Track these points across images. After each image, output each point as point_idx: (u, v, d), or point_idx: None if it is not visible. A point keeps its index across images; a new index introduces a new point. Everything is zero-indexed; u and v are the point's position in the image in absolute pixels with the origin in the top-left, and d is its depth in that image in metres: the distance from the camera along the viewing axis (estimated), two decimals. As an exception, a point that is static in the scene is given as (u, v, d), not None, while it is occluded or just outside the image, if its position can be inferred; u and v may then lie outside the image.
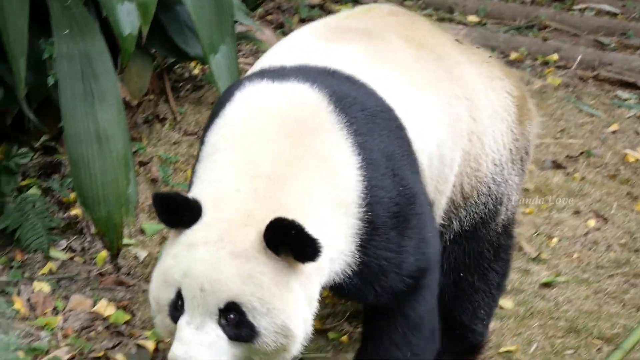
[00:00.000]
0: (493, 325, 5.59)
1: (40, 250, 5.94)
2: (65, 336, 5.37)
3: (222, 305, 3.81)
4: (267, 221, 3.79)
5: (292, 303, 3.85)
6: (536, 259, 6.52)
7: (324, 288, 4.11)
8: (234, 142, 4.13)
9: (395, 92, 4.48)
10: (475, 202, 4.93)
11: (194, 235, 3.89)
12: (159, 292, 3.98)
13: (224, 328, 3.83)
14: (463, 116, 4.82)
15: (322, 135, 4.12)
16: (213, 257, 3.81)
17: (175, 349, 3.81)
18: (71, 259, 6.01)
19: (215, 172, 4.08)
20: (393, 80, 4.55)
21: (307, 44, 4.65)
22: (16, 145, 6.21)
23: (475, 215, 4.96)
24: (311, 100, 4.19)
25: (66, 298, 5.65)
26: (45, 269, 5.85)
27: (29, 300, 5.65)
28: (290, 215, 3.81)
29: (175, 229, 4.00)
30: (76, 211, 6.19)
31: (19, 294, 5.67)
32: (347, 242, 4.10)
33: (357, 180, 4.10)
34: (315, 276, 3.98)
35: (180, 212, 3.92)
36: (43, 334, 5.41)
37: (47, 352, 5.23)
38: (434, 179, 4.65)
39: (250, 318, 3.81)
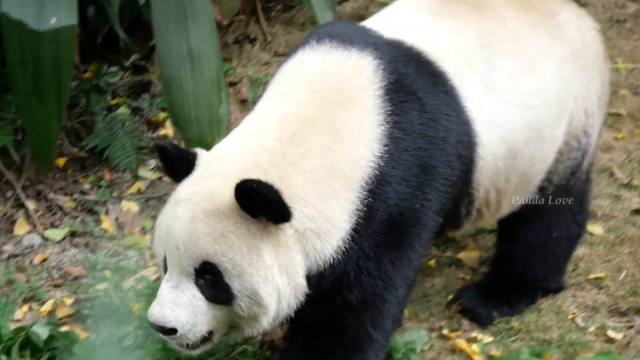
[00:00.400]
0: (582, 251, 5.56)
1: (129, 169, 5.96)
2: (153, 256, 5.37)
3: (197, 265, 3.70)
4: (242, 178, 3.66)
5: (261, 268, 3.68)
6: (627, 185, 6.34)
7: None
8: (267, 100, 4.06)
9: (492, 83, 4.29)
10: (568, 157, 4.78)
11: (180, 190, 3.83)
12: (155, 247, 3.93)
13: (201, 288, 3.72)
14: (570, 80, 4.65)
15: (354, 110, 3.92)
16: (188, 214, 3.70)
17: (152, 308, 3.73)
18: (159, 178, 6.04)
19: (237, 129, 4.01)
20: (496, 67, 4.33)
21: (411, 15, 4.40)
22: (106, 64, 6.21)
23: (567, 170, 4.82)
24: (360, 75, 3.99)
25: (154, 218, 5.66)
26: (134, 189, 5.87)
27: (117, 219, 5.68)
28: (270, 173, 3.72)
29: (175, 181, 3.93)
30: (165, 131, 6.19)
31: (107, 213, 5.70)
32: (345, 222, 3.85)
33: (369, 165, 3.86)
34: (295, 246, 3.76)
35: (174, 164, 3.87)
36: (131, 253, 5.45)
37: (134, 272, 5.26)
38: (520, 165, 4.45)
39: (226, 279, 3.68)
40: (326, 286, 3.92)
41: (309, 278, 3.84)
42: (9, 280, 5.30)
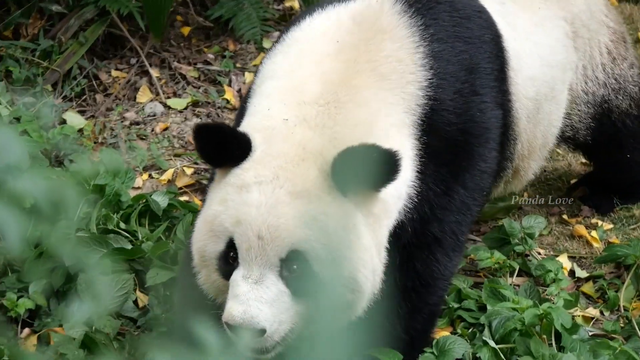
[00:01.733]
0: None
1: (253, 40, 5.93)
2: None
3: (283, 254, 3.27)
4: (326, 154, 3.28)
5: (361, 251, 3.30)
6: None
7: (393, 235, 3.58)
8: (284, 67, 3.59)
9: (511, 23, 4.06)
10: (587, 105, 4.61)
11: (244, 174, 3.34)
12: (204, 243, 3.43)
13: (286, 281, 3.30)
14: (571, 54, 4.42)
15: (384, 44, 3.56)
16: (270, 198, 3.27)
17: (232, 309, 3.27)
18: (284, 51, 5.97)
19: (262, 102, 3.52)
20: (512, 14, 4.11)
21: None
22: None
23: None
24: (377, 8, 3.64)
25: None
26: (257, 60, 5.85)
27: (239, 90, 5.68)
28: (349, 144, 3.27)
29: (221, 168, 3.44)
30: (291, 3, 6.10)
31: (229, 84, 5.71)
32: (409, 169, 3.53)
33: (419, 102, 3.54)
34: (384, 219, 3.43)
35: (227, 147, 3.35)
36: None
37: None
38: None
39: (315, 268, 3.27)
40: (407, 232, 3.62)
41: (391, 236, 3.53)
42: (131, 148, 5.39)
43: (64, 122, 5.45)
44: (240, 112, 3.75)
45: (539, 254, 4.78)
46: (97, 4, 5.88)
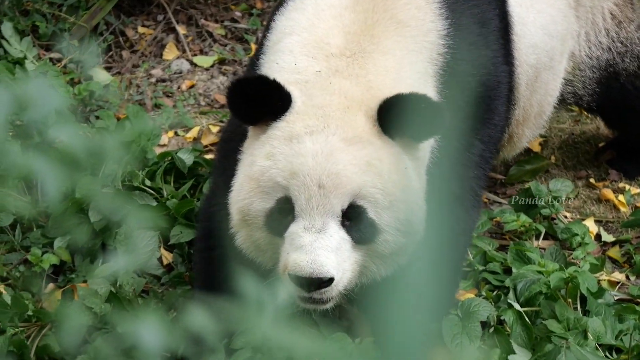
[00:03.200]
0: None
1: (280, -2, 5.89)
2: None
3: (345, 203, 3.26)
4: (367, 101, 3.29)
5: (413, 194, 3.33)
6: None
7: None
8: (302, 23, 3.53)
9: None
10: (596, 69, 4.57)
11: (291, 126, 3.30)
12: (249, 201, 3.37)
13: (347, 229, 3.29)
14: (573, 24, 4.38)
15: None
16: (325, 147, 3.24)
17: (299, 259, 3.23)
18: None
19: (286, 58, 3.47)
20: None
21: None
22: None
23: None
24: None
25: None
26: (285, 18, 5.80)
27: (266, 48, 5.65)
28: (385, 92, 3.30)
29: (257, 124, 3.39)
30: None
31: (256, 42, 5.68)
32: None
33: (440, 51, 3.51)
34: (425, 162, 3.46)
35: (270, 99, 3.31)
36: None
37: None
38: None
39: (372, 214, 3.28)
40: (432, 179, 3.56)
41: None
42: (156, 105, 5.39)
43: (90, 78, 5.45)
44: (251, 69, 3.72)
45: (566, 217, 4.76)
46: (125, -40, 5.86)
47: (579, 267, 4.22)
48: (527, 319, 3.90)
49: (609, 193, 4.90)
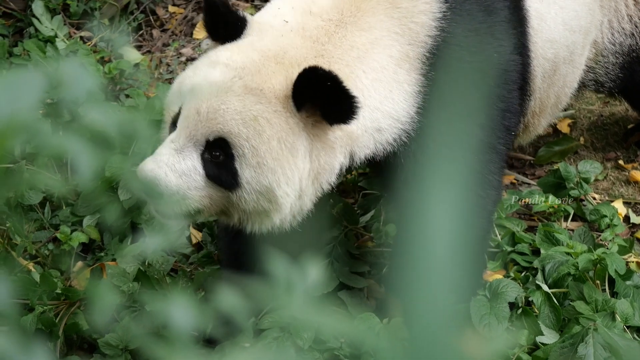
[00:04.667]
0: None
1: (310, -23, 5.87)
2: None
3: (211, 138, 3.31)
4: (303, 66, 3.24)
5: (289, 169, 3.30)
6: None
7: (369, 162, 3.55)
8: None
9: None
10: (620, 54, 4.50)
11: (221, 52, 3.39)
12: (170, 100, 3.51)
13: (205, 162, 3.33)
14: (596, 14, 4.31)
15: None
16: (225, 84, 3.28)
17: (145, 163, 3.32)
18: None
19: (276, 1, 3.57)
20: None
21: None
22: None
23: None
24: None
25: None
26: None
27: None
28: (335, 66, 3.30)
29: (215, 41, 3.53)
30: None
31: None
32: (406, 105, 3.47)
33: (430, 34, 3.46)
34: (342, 147, 3.40)
35: (220, 22, 3.45)
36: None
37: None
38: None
39: (237, 164, 3.30)
40: (412, 164, 3.57)
41: (378, 161, 3.55)
42: (187, 84, 5.40)
43: (120, 56, 5.46)
44: None
45: (594, 199, 4.75)
46: (155, -61, 5.87)
47: (607, 248, 4.21)
48: (555, 301, 3.90)
49: (637, 175, 4.87)
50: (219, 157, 3.33)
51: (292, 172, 3.32)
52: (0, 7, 5.65)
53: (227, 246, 3.97)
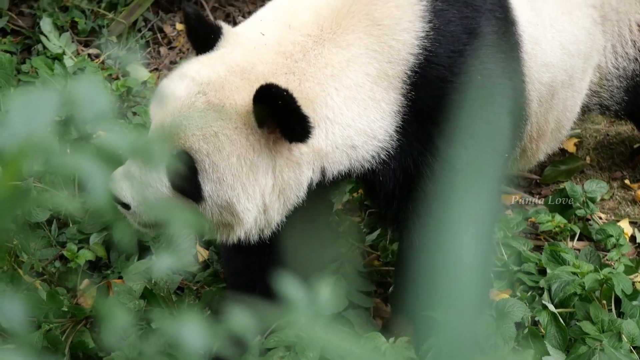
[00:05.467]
0: None
1: (317, -4, 5.90)
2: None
3: (174, 152, 3.30)
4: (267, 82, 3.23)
5: (249, 185, 3.32)
6: None
7: (346, 177, 3.55)
8: None
9: (537, 9, 3.94)
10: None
11: (192, 65, 3.40)
12: (151, 107, 3.54)
13: (169, 174, 3.36)
14: (598, 40, 4.31)
15: None
16: (189, 100, 3.29)
17: (113, 174, 3.38)
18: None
19: (260, 13, 3.57)
20: None
21: None
22: None
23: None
24: None
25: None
26: (321, 16, 5.81)
27: (303, 46, 5.67)
28: (305, 83, 3.29)
29: (195, 51, 3.54)
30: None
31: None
32: (384, 123, 3.45)
33: (412, 52, 3.42)
34: (309, 162, 3.38)
35: (195, 33, 3.47)
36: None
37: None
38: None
39: (200, 178, 3.30)
40: (392, 182, 3.56)
41: (357, 177, 3.54)
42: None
43: (127, 74, 5.48)
44: None
45: (600, 218, 4.75)
46: (163, -43, 5.91)
47: (614, 268, 4.21)
48: (561, 320, 3.90)
49: (644, 194, 4.88)
50: (183, 170, 3.32)
51: (253, 188, 3.32)
52: (8, 24, 5.67)
53: (229, 264, 3.98)
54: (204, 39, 3.46)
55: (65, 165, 1.42)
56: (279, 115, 3.20)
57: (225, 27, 3.48)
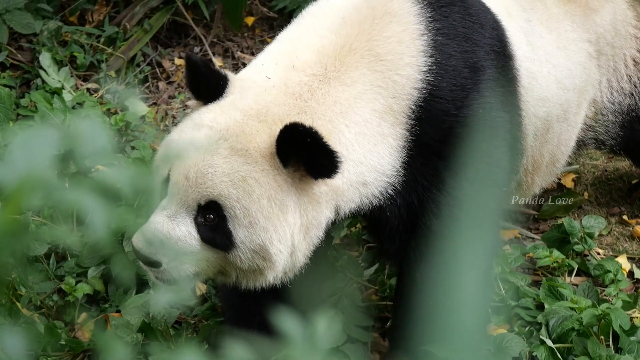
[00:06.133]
0: None
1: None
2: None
3: (202, 202, 3.32)
4: (285, 123, 3.25)
5: (280, 226, 3.31)
6: None
7: (354, 215, 3.60)
8: (291, 34, 3.63)
9: (533, 43, 3.97)
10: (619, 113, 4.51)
11: (205, 114, 3.40)
12: (157, 164, 3.54)
13: (199, 227, 3.34)
14: (593, 74, 4.32)
15: (389, 26, 3.51)
16: (211, 145, 3.30)
17: (139, 233, 3.36)
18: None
19: (261, 57, 3.58)
20: (536, 33, 4.02)
21: None
22: None
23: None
24: None
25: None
26: (320, 51, 5.85)
27: (301, 81, 5.69)
28: (317, 122, 3.32)
29: (198, 100, 3.54)
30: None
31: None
32: (391, 159, 3.48)
33: (416, 86, 3.47)
34: (327, 201, 3.40)
35: (202, 82, 3.46)
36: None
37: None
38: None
39: (230, 225, 3.30)
40: (397, 218, 3.58)
41: (364, 214, 3.57)
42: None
43: (126, 108, 5.49)
44: None
45: (598, 254, 4.75)
46: (162, -8, 5.94)
47: (612, 304, 4.20)
48: (559, 356, 3.89)
49: (642, 230, 4.89)
50: (213, 220, 3.33)
51: (284, 229, 3.32)
52: (7, 58, 5.69)
53: (227, 299, 3.98)
54: (211, 87, 3.46)
55: (64, 200, 1.43)
56: (305, 153, 3.23)
57: (231, 75, 3.50)
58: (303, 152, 3.23)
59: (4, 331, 1.57)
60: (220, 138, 3.31)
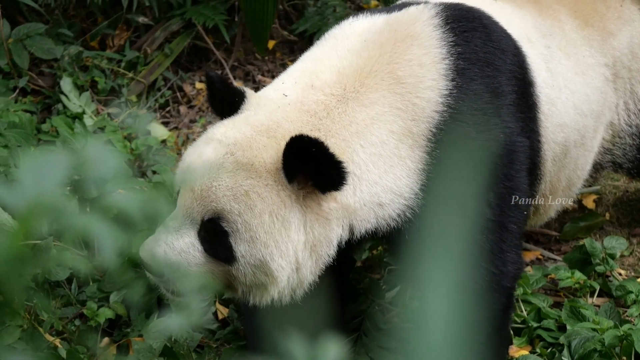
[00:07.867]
0: None
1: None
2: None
3: (206, 215, 3.35)
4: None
5: (282, 242, 3.31)
6: None
7: (373, 236, 3.56)
8: (313, 55, 3.66)
9: (552, 70, 3.97)
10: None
11: (217, 129, 3.45)
12: (176, 179, 3.61)
13: (202, 239, 3.38)
14: (609, 97, 4.32)
15: (411, 49, 3.53)
16: (218, 160, 3.33)
17: (145, 242, 3.42)
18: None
19: (282, 76, 3.62)
20: (555, 59, 4.02)
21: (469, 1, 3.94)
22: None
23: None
24: (415, 12, 3.64)
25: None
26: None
27: (321, 104, 5.70)
28: (331, 140, 3.33)
29: (217, 116, 3.64)
30: (374, 17, 6.11)
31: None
32: (409, 181, 3.46)
33: (437, 109, 3.47)
34: (338, 219, 3.39)
35: (219, 98, 3.54)
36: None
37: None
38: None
39: (231, 239, 3.32)
40: (414, 237, 3.53)
41: (382, 236, 3.54)
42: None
43: (147, 133, 5.52)
44: None
45: (620, 274, 4.73)
46: (183, 17, 5.97)
47: (634, 324, 4.18)
48: (581, 377, 3.87)
49: (664, 250, 4.86)
50: (215, 234, 3.35)
51: (286, 245, 3.33)
52: (28, 84, 5.73)
53: (249, 322, 3.98)
54: (227, 103, 3.51)
55: (74, 225, 1.44)
56: (311, 165, 3.23)
57: (248, 91, 3.54)
58: (309, 165, 3.24)
59: (27, 357, 1.58)
60: (227, 152, 3.34)
